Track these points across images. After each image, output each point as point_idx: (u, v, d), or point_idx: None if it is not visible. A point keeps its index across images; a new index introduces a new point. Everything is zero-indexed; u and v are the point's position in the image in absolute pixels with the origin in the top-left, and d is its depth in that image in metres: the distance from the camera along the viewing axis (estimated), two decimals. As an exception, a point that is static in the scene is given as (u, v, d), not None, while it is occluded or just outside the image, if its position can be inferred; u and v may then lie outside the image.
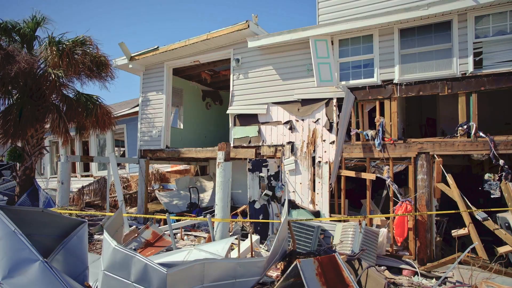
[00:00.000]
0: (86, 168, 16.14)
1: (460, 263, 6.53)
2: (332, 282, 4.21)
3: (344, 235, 7.04)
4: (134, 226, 7.67)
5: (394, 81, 7.55)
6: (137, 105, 14.13)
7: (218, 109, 14.53)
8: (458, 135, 7.00)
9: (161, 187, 13.94)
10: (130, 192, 13.69)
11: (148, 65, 11.15)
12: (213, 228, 6.27)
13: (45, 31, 11.10)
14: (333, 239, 6.72)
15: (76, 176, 15.61)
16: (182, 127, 12.68)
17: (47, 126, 11.96)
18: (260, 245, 7.75)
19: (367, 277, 5.13)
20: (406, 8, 7.08)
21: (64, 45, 9.92)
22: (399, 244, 7.19)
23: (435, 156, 7.12)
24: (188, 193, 12.79)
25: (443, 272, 6.77)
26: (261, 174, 8.54)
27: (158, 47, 10.32)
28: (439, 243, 7.45)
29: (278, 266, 5.84)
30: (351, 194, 9.36)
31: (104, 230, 4.77)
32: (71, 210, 9.59)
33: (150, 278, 4.26)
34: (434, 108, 10.72)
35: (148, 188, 14.29)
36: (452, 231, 6.36)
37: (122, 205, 7.36)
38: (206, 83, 13.43)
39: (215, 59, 10.17)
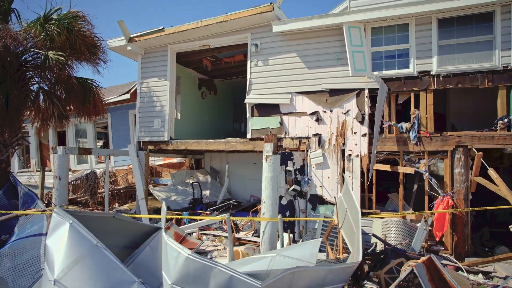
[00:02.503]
0: (81, 160, 14.56)
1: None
2: (439, 287, 3.84)
3: (386, 231, 6.75)
4: (155, 227, 6.82)
5: (431, 73, 7.34)
6: (125, 93, 12.97)
7: (213, 99, 13.74)
8: (498, 128, 6.95)
9: (152, 181, 12.90)
10: (118, 187, 12.53)
11: (149, 48, 10.10)
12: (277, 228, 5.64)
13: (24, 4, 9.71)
14: (385, 237, 6.40)
15: (50, 170, 14.01)
16: (179, 117, 11.74)
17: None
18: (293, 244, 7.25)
19: (443, 278, 4.84)
20: (451, -4, 6.85)
21: (66, 24, 8.67)
22: (437, 239, 7.04)
23: (474, 149, 7.04)
24: (185, 188, 11.95)
25: (482, 267, 6.73)
26: (287, 168, 8.02)
27: (163, 28, 9.33)
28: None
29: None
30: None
31: (166, 236, 4.03)
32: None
33: (236, 292, 3.62)
34: (442, 103, 10.79)
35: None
36: (510, 226, 6.29)
37: (143, 202, 6.48)
38: (203, 71, 12.55)
39: (228, 43, 9.39)
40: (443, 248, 7.19)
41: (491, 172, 6.72)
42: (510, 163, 9.23)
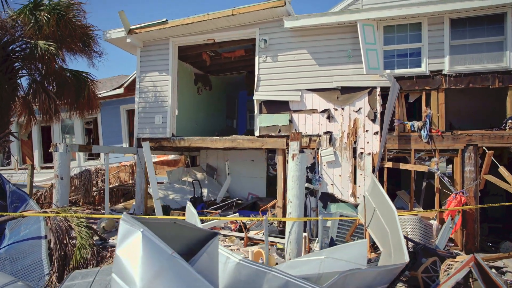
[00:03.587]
0: (48, 158, 13.77)
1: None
2: (488, 286, 3.86)
3: (402, 229, 6.78)
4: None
5: (443, 72, 7.44)
6: (119, 87, 12.43)
7: (208, 95, 13.41)
8: (507, 128, 7.15)
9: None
10: (110, 186, 12.00)
11: (149, 41, 9.68)
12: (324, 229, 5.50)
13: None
14: (407, 235, 6.42)
15: (34, 168, 13.20)
16: (177, 113, 11.34)
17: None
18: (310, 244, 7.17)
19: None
20: (466, -3, 6.95)
21: (58, 10, 8.12)
22: (451, 236, 7.17)
23: (484, 148, 7.21)
24: (182, 186, 11.63)
25: (491, 262, 6.93)
26: (300, 166, 7.90)
27: (166, 20, 8.95)
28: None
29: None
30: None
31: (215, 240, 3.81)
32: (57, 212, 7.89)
33: (293, 298, 3.48)
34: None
35: (129, 181, 12.74)
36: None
37: (158, 203, 6.20)
38: (199, 66, 12.23)
39: (234, 38, 9.14)
40: (452, 244, 7.34)
41: (503, 170, 6.91)
42: (508, 161, 9.58)
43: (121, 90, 12.04)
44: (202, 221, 8.04)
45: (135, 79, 12.13)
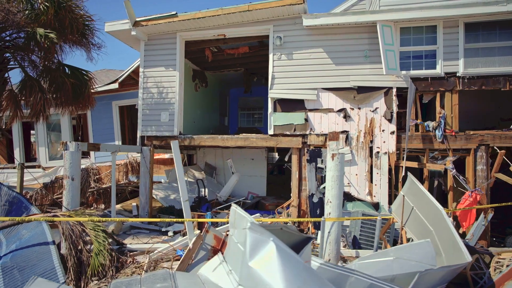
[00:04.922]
0: (29, 158, 12.78)
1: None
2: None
3: (423, 227, 6.96)
4: (197, 232, 6.26)
5: (457, 74, 7.69)
6: (113, 82, 11.79)
7: (204, 92, 13.06)
8: (517, 128, 7.53)
9: (142, 179, 11.91)
10: (104, 186, 11.39)
11: (154, 34, 9.22)
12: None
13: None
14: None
15: (14, 167, 12.25)
16: (177, 111, 10.94)
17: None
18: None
19: None
20: (484, 2, 7.20)
21: (62, 1, 7.52)
22: (464, 229, 7.45)
23: (495, 147, 7.54)
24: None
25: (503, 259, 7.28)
26: (319, 166, 7.89)
27: (176, 13, 8.57)
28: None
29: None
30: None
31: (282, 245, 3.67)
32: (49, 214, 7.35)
33: (377, 302, 3.43)
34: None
35: (123, 181, 12.17)
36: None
37: (186, 204, 5.92)
38: (197, 61, 11.87)
39: (247, 34, 8.92)
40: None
41: (515, 169, 7.26)
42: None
43: (115, 85, 11.41)
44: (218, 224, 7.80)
45: (130, 74, 11.62)
